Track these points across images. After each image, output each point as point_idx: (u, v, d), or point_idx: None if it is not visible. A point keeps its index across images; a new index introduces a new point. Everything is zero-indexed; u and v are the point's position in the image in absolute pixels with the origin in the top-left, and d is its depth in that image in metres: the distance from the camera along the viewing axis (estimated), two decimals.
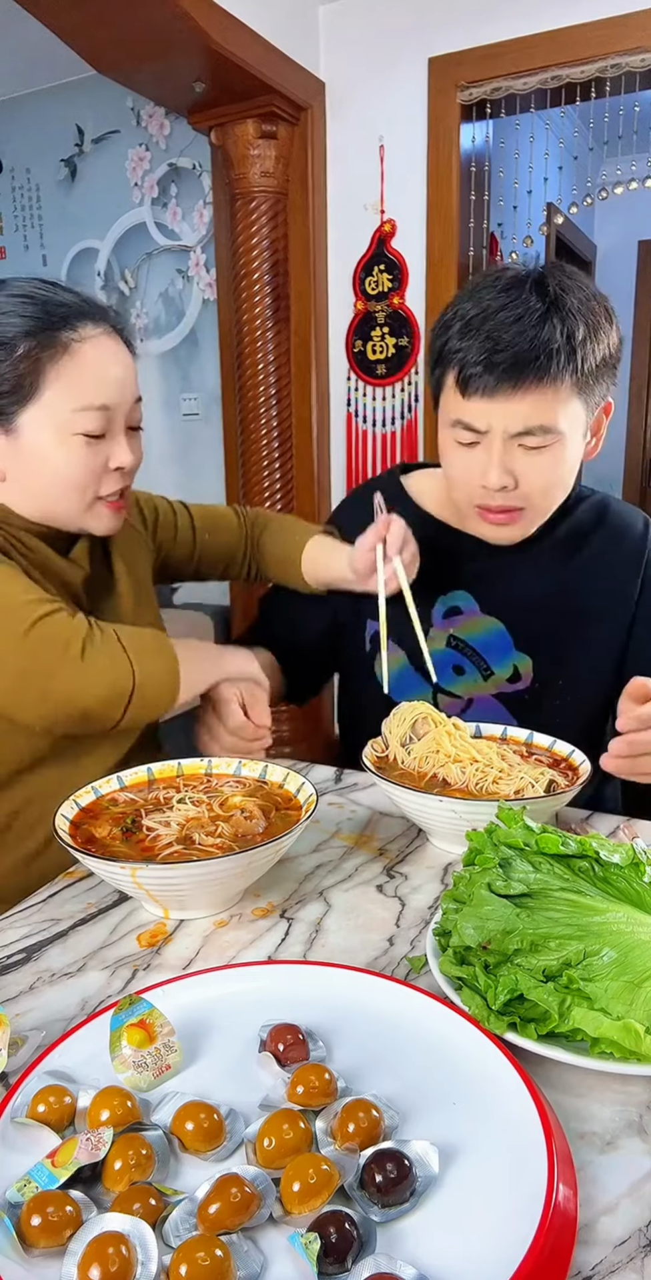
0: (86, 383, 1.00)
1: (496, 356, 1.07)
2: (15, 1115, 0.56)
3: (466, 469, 1.16)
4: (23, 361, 0.98)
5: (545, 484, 1.15)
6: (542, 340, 1.07)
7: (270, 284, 3.03)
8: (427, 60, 2.84)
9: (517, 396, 1.08)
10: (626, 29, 2.55)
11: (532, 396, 1.08)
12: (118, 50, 2.60)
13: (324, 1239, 0.46)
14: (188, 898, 0.82)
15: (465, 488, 1.18)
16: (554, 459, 1.13)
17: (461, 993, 0.65)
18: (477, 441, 1.14)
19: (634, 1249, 0.49)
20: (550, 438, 1.11)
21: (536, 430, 1.10)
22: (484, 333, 1.09)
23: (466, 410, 1.12)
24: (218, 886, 0.81)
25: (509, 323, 1.08)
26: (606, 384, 1.17)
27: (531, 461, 1.12)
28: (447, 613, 1.29)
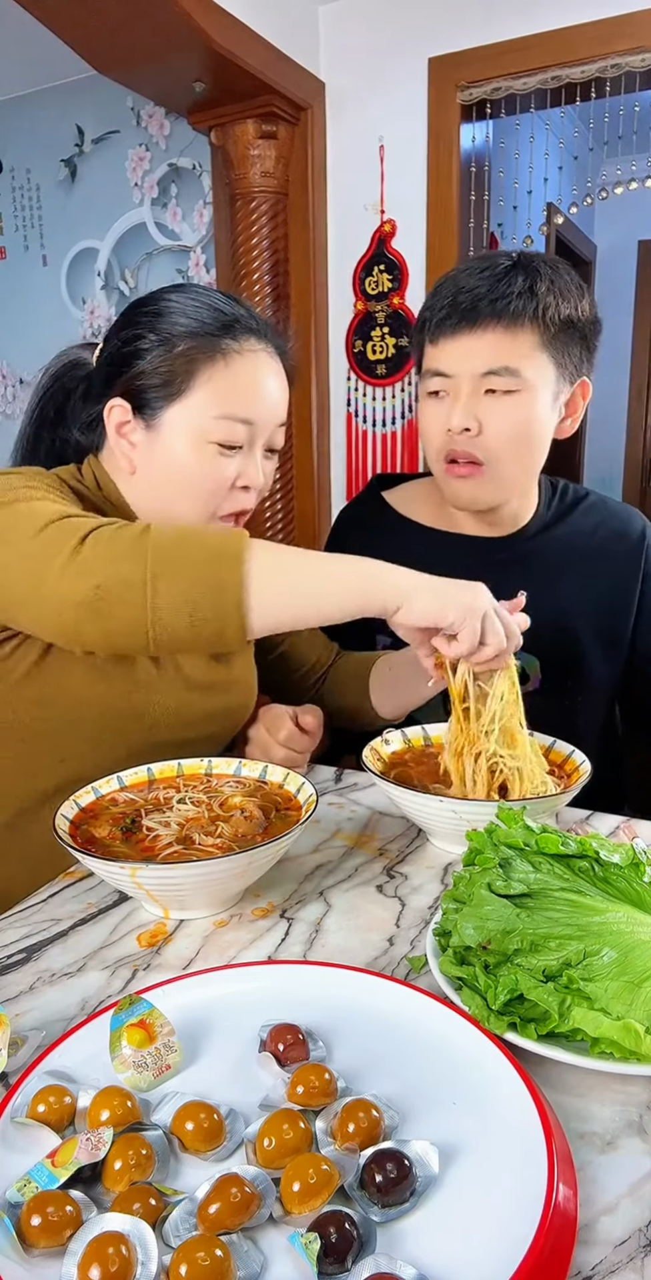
0: (235, 393, 1.01)
1: (459, 298, 1.14)
2: (15, 1115, 0.56)
3: (435, 417, 1.19)
4: (179, 359, 0.99)
5: (509, 433, 1.16)
6: (504, 284, 1.13)
7: (270, 284, 3.03)
8: (427, 60, 2.84)
9: (478, 333, 1.13)
10: (626, 29, 2.55)
11: (494, 335, 1.12)
12: (118, 50, 2.60)
13: (324, 1239, 0.46)
14: (187, 898, 0.82)
15: (434, 439, 1.20)
16: (519, 408, 1.15)
17: (461, 993, 0.65)
18: (447, 392, 1.17)
19: (634, 1249, 0.49)
20: (515, 382, 1.13)
21: (501, 371, 1.13)
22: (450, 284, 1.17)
23: (434, 357, 1.17)
24: (217, 886, 0.81)
25: (475, 273, 1.15)
26: (578, 352, 1.18)
27: (497, 407, 1.15)
28: None
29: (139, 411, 1.02)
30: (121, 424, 1.03)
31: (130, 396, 1.02)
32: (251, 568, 0.83)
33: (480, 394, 1.15)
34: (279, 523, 3.21)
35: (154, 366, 1.00)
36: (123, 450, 1.04)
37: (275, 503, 3.19)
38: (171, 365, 0.99)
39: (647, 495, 5.88)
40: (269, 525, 3.20)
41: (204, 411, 1.00)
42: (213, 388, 1.00)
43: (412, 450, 3.13)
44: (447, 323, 1.15)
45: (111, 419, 1.03)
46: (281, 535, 3.22)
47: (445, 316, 1.15)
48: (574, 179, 4.44)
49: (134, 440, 1.03)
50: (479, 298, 1.13)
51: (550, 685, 1.27)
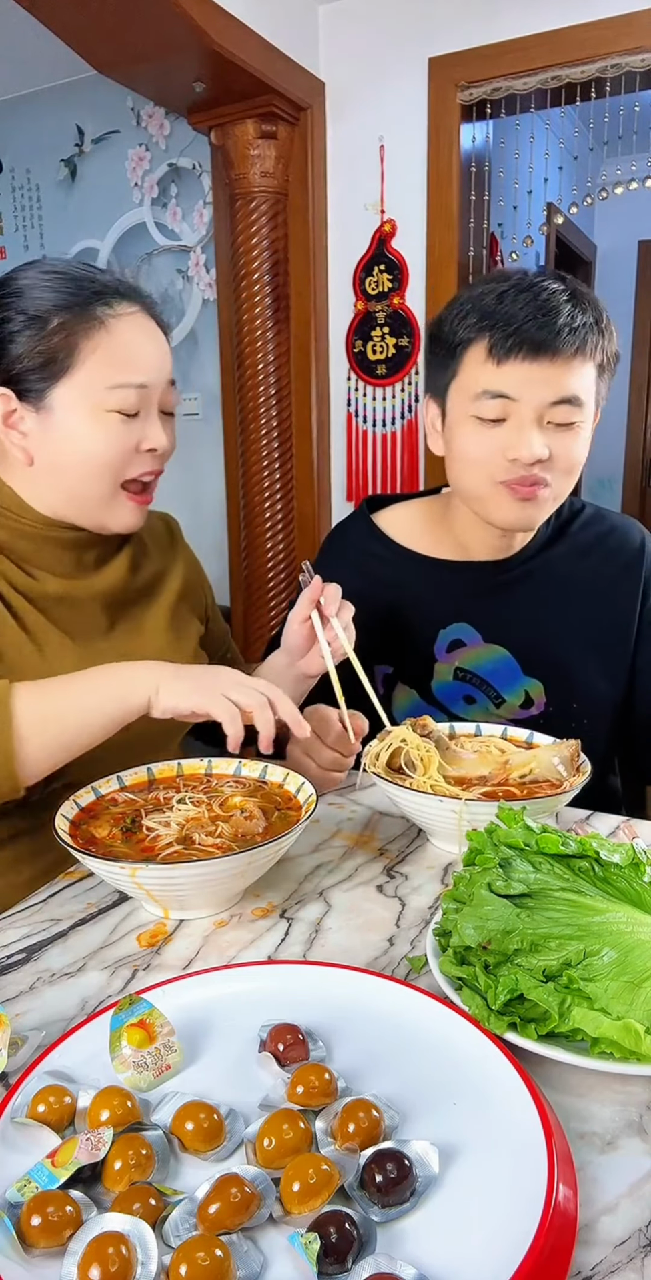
0: (123, 359, 0.98)
1: (543, 318, 1.07)
2: (15, 1115, 0.56)
3: (490, 447, 1.13)
4: (55, 336, 0.96)
5: (569, 463, 1.14)
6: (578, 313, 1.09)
7: (270, 284, 3.03)
8: (427, 60, 2.84)
9: (559, 362, 1.08)
10: (626, 29, 2.55)
11: (568, 365, 1.09)
12: (118, 50, 2.60)
13: (324, 1239, 0.46)
14: (188, 898, 0.82)
15: (487, 466, 1.14)
16: (577, 439, 1.13)
17: (461, 993, 0.65)
18: (504, 418, 1.11)
19: (634, 1249, 0.49)
20: (576, 414, 1.11)
21: (572, 399, 1.10)
22: (521, 301, 1.09)
23: (499, 378, 1.10)
24: (218, 886, 0.81)
25: (544, 296, 1.09)
26: (606, 387, 1.17)
27: (559, 438, 1.12)
28: (451, 646, 1.27)
29: (24, 398, 0.98)
30: (7, 414, 0.99)
31: (11, 384, 0.98)
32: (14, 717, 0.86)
33: (542, 424, 1.11)
34: (279, 523, 3.21)
35: (30, 348, 0.96)
36: (14, 441, 1.00)
37: (275, 503, 3.19)
38: (49, 344, 0.96)
39: (647, 495, 5.89)
40: (270, 525, 3.20)
41: (96, 383, 0.97)
42: (99, 358, 0.97)
43: (412, 450, 3.13)
44: (523, 346, 1.08)
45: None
46: (282, 535, 3.22)
47: (520, 340, 1.08)
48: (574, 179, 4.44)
49: (24, 429, 1.00)
50: (557, 325, 1.08)
51: (555, 708, 1.25)
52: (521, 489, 1.14)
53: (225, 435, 3.47)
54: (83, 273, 1.00)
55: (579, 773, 0.96)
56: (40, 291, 0.97)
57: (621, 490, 5.91)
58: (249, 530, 3.24)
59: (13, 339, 0.97)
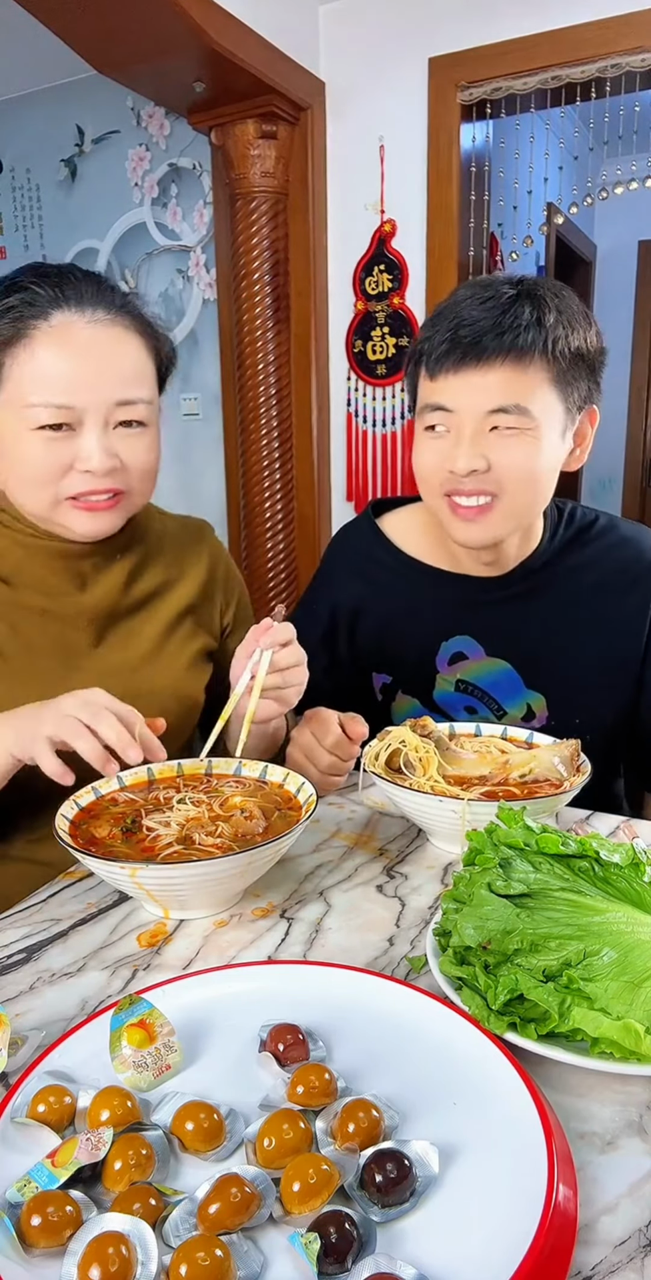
0: (43, 375, 0.94)
1: (461, 331, 1.06)
2: (15, 1115, 0.56)
3: (435, 455, 1.12)
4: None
5: (519, 470, 1.10)
6: (510, 316, 1.06)
7: (270, 284, 3.03)
8: (427, 60, 2.84)
9: (483, 369, 1.06)
10: (626, 29, 2.55)
11: (502, 371, 1.06)
12: (118, 50, 2.60)
13: (324, 1239, 0.46)
14: (188, 898, 0.82)
15: (434, 475, 1.13)
16: (529, 448, 1.08)
17: (461, 993, 0.65)
18: (448, 429, 1.11)
19: (634, 1249, 0.49)
20: (524, 420, 1.07)
21: (510, 408, 1.06)
22: (451, 316, 1.08)
23: (434, 391, 1.10)
24: (218, 886, 0.81)
25: (476, 304, 1.07)
26: (586, 385, 1.13)
27: (505, 444, 1.08)
28: (453, 658, 1.25)
29: None
30: None
31: None
32: None
33: (485, 432, 1.08)
34: (279, 523, 3.21)
35: None
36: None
37: (275, 503, 3.19)
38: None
39: (648, 495, 5.89)
40: (270, 525, 3.20)
41: (17, 399, 0.94)
42: (17, 374, 0.94)
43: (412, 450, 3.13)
44: (450, 356, 1.07)
45: None
46: (282, 535, 3.22)
47: (447, 350, 1.07)
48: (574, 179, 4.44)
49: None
50: (484, 330, 1.05)
51: (557, 722, 1.22)
52: (461, 509, 1.12)
53: (225, 435, 3.47)
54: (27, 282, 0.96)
55: (579, 772, 0.96)
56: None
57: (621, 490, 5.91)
58: (249, 530, 3.24)
59: None
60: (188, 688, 1.16)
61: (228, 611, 1.26)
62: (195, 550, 1.22)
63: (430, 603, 1.26)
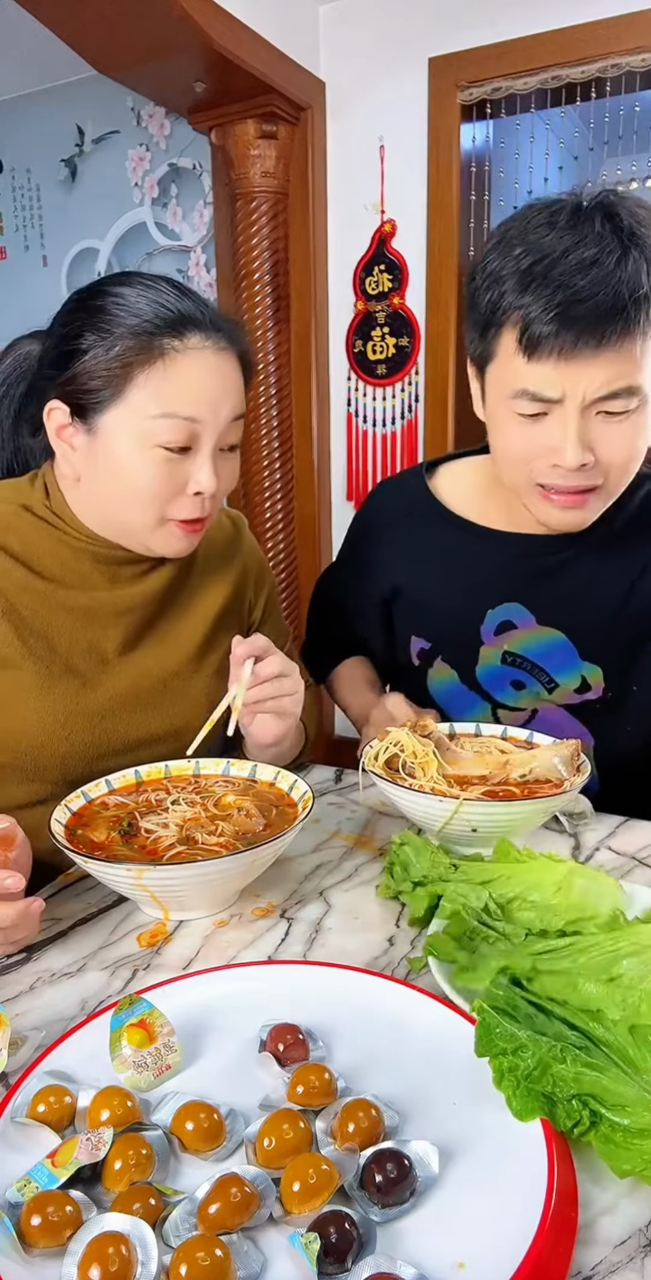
0: (174, 391, 0.94)
1: (573, 309, 0.89)
2: (15, 1115, 0.56)
3: (531, 445, 0.99)
4: (116, 360, 0.94)
5: (625, 457, 0.99)
6: (628, 284, 0.89)
7: (270, 284, 3.03)
8: (428, 60, 2.84)
9: (601, 356, 0.91)
10: (626, 29, 2.55)
11: (617, 353, 0.91)
12: (118, 50, 2.60)
13: (324, 1239, 0.46)
14: (191, 898, 0.82)
15: (527, 465, 1.01)
16: (636, 427, 0.97)
17: None
18: (546, 412, 0.96)
19: (634, 1249, 0.49)
20: (633, 401, 0.95)
21: (622, 393, 0.93)
22: (553, 281, 0.90)
23: (534, 377, 0.94)
24: (223, 885, 0.81)
25: (586, 265, 0.89)
26: None
27: (611, 431, 0.96)
28: (500, 628, 1.18)
29: (78, 414, 0.97)
30: (61, 427, 0.98)
31: (68, 398, 0.97)
32: None
33: (592, 416, 0.96)
34: (279, 523, 3.21)
35: (92, 368, 0.95)
36: (64, 455, 0.99)
37: (275, 503, 3.19)
38: (108, 366, 0.94)
39: None
40: (269, 525, 3.20)
41: (143, 412, 0.94)
42: (151, 388, 0.94)
43: (412, 450, 3.13)
44: (559, 339, 0.91)
45: (51, 421, 0.98)
46: (282, 535, 3.22)
47: (555, 331, 0.90)
48: (574, 179, 4.43)
49: (75, 445, 0.98)
50: (601, 306, 0.89)
51: (614, 693, 1.16)
52: (563, 498, 1.02)
53: None
54: (167, 299, 0.96)
55: (579, 772, 0.96)
56: (117, 312, 0.95)
57: None
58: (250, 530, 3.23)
59: (79, 355, 0.96)
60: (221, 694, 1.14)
61: (258, 606, 1.24)
62: (231, 547, 1.21)
63: (477, 566, 1.18)
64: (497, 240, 0.99)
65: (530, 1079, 0.54)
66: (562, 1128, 0.52)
